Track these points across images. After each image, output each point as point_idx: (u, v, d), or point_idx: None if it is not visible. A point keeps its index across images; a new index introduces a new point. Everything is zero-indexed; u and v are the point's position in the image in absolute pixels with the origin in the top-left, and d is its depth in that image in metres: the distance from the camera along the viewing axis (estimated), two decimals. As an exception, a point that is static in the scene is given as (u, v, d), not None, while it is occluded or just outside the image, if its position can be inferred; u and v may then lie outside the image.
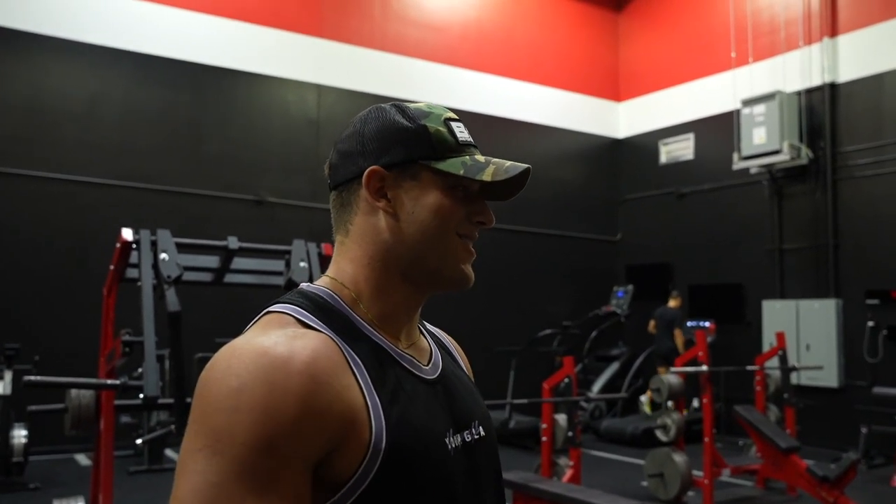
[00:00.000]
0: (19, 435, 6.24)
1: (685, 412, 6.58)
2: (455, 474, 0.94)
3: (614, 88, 12.28)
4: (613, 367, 10.62)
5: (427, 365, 1.01)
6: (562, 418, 5.61)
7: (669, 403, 6.33)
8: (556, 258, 11.30)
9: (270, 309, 0.92)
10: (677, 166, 11.28)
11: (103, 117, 8.28)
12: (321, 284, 0.99)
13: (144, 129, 8.47)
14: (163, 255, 3.49)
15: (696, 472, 6.24)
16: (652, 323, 9.98)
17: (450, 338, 1.19)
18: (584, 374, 10.29)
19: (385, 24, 10.21)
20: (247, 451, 0.77)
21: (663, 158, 11.55)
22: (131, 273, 3.77)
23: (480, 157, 0.99)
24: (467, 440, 0.99)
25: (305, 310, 0.91)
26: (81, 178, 8.06)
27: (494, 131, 10.76)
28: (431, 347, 1.06)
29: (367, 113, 1.03)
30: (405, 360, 0.96)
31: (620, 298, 10.86)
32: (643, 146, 11.84)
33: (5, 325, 7.23)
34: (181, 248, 3.66)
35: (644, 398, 9.63)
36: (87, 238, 7.71)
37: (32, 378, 3.16)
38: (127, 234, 3.52)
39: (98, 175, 8.14)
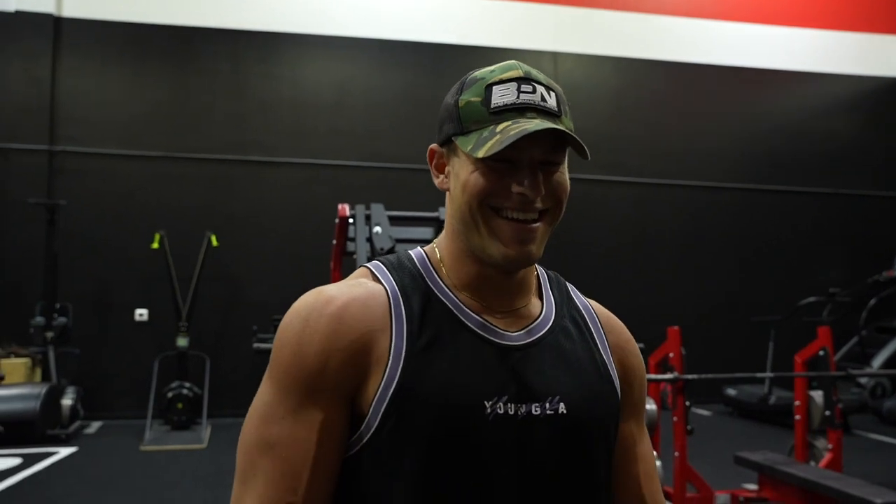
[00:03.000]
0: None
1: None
2: (487, 440, 0.90)
3: (890, 20, 10.62)
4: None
5: (516, 332, 0.98)
6: (818, 395, 5.02)
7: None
8: (827, 220, 10.14)
9: (364, 264, 1.05)
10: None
11: (350, 104, 8.89)
12: (425, 248, 1.07)
13: (388, 113, 8.95)
14: (377, 229, 3.64)
15: None
16: (945, 290, 8.58)
17: (605, 313, 1.12)
18: (860, 348, 9.14)
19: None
20: (285, 377, 0.91)
21: (959, 96, 9.80)
22: (352, 247, 3.98)
23: (503, 126, 0.92)
24: (534, 413, 0.93)
25: (385, 266, 1.01)
26: (335, 163, 8.75)
27: (746, 84, 9.89)
28: (541, 318, 1.02)
29: None
30: (475, 321, 0.96)
31: (906, 262, 9.46)
32: (932, 84, 10.14)
33: (277, 298, 8.05)
34: (394, 220, 3.79)
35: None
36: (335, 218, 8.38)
37: (260, 346, 3.47)
38: (344, 208, 3.72)
39: (349, 158, 8.78)
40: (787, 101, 10.09)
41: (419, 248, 1.07)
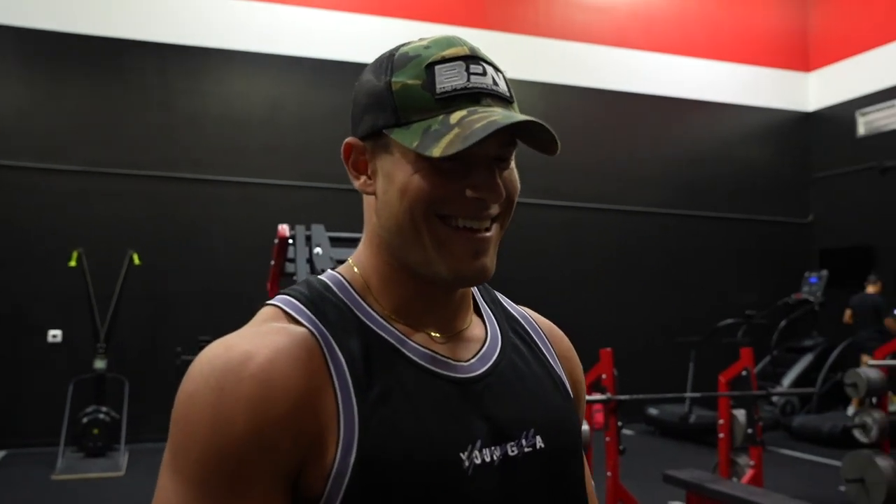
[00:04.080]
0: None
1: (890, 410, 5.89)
2: (471, 497, 0.76)
3: (803, 58, 11.27)
4: (807, 358, 9.76)
5: (468, 360, 0.83)
6: (741, 414, 5.22)
7: (874, 400, 5.69)
8: (742, 244, 10.60)
9: (269, 301, 0.83)
10: (879, 138, 10.14)
11: (282, 122, 8.80)
12: (339, 270, 0.88)
13: (320, 131, 8.90)
14: (317, 250, 3.61)
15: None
16: (848, 313, 9.06)
17: (545, 321, 1.00)
18: (773, 367, 9.56)
19: (550, 10, 10.04)
20: (200, 468, 0.69)
21: (861, 130, 10.44)
22: (291, 268, 3.94)
23: (458, 116, 0.75)
24: (511, 453, 0.80)
25: (299, 301, 0.80)
26: (266, 181, 8.63)
27: (670, 113, 10.29)
28: (488, 336, 0.88)
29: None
30: (421, 355, 0.80)
31: (813, 285, 9.97)
32: (837, 118, 10.77)
33: (203, 319, 7.89)
34: (336, 241, 3.77)
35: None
36: (271, 236, 8.22)
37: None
38: (284, 229, 3.68)
39: (280, 177, 8.67)
40: (707, 131, 10.53)
41: (330, 270, 0.89)
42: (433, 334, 0.84)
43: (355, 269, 0.86)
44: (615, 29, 10.28)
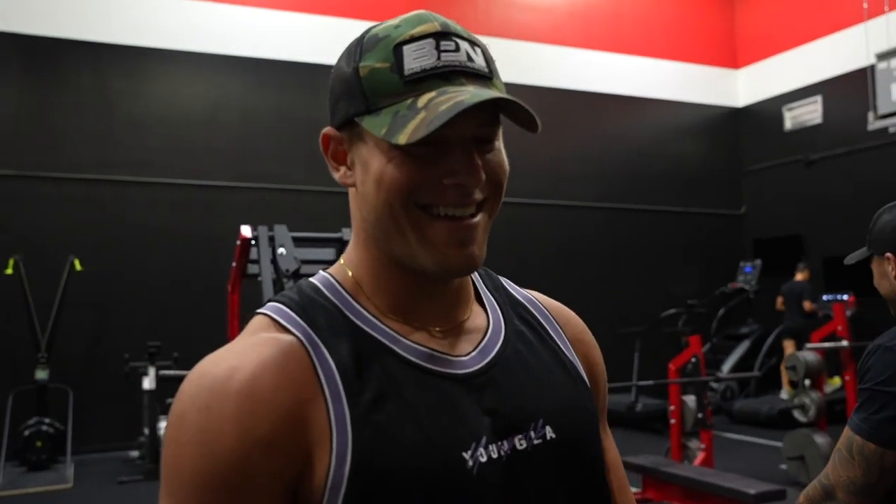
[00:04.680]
0: (163, 427, 6.67)
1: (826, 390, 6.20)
2: (479, 496, 0.73)
3: (731, 55, 11.69)
4: (744, 345, 10.16)
5: (469, 353, 0.80)
6: (690, 400, 5.42)
7: (807, 382, 5.98)
8: (679, 236, 10.93)
9: (258, 310, 0.80)
10: (804, 132, 10.61)
11: (224, 123, 8.67)
12: (330, 270, 0.84)
13: (263, 132, 8.81)
14: (280, 250, 3.61)
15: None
16: (780, 300, 9.47)
17: (554, 304, 0.96)
18: (712, 354, 9.91)
19: (490, 9, 10.15)
20: (192, 490, 0.67)
21: (788, 125, 10.90)
22: (253, 269, 3.92)
23: (426, 98, 0.72)
24: (520, 447, 0.77)
25: (288, 307, 0.77)
26: (209, 183, 8.50)
27: (606, 109, 10.53)
28: (490, 326, 0.85)
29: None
30: (418, 354, 0.77)
31: (748, 274, 10.38)
32: (765, 113, 11.23)
33: (149, 324, 7.72)
34: (298, 241, 3.77)
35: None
36: (216, 238, 8.11)
37: (167, 373, 3.36)
38: (246, 231, 3.67)
39: (223, 179, 8.55)
40: (643, 127, 10.81)
41: (321, 271, 0.84)
42: (431, 329, 0.80)
43: (346, 269, 0.82)
44: (553, 27, 10.47)
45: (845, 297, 9.24)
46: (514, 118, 0.78)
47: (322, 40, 9.13)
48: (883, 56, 8.95)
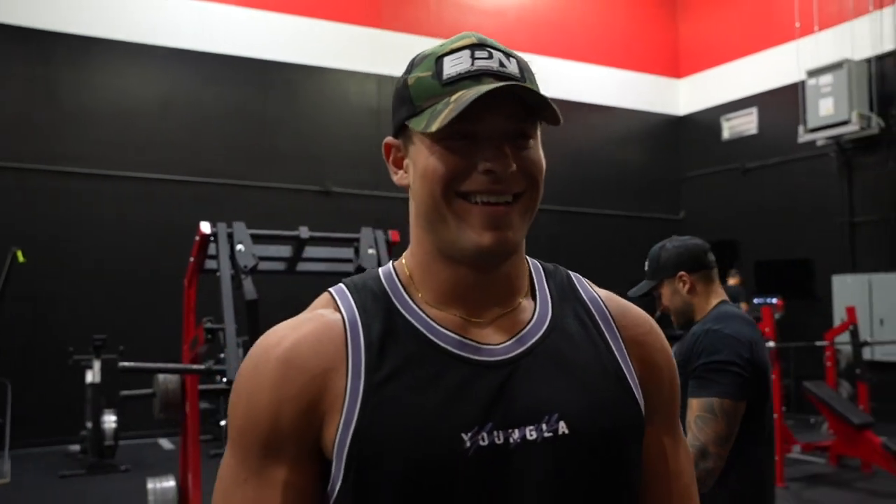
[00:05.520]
0: (109, 420, 6.64)
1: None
2: (468, 480, 0.79)
3: (674, 65, 12.11)
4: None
5: (502, 343, 0.86)
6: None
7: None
8: (619, 239, 11.23)
9: (329, 288, 0.92)
10: (741, 141, 11.08)
11: (175, 117, 8.62)
12: (395, 262, 0.94)
13: (213, 127, 8.78)
14: (239, 247, 3.69)
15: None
16: (714, 303, 9.85)
17: (618, 306, 0.95)
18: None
19: (441, 12, 10.30)
20: (241, 436, 0.82)
21: (726, 134, 11.36)
22: (210, 264, 3.99)
23: (458, 95, 0.81)
24: (529, 437, 0.81)
25: (347, 288, 0.89)
26: (157, 176, 8.43)
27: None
28: (533, 319, 0.89)
29: None
30: (449, 340, 0.84)
31: (685, 277, 10.75)
32: (705, 122, 11.66)
33: (93, 317, 7.64)
34: (255, 238, 3.86)
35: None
36: (164, 232, 8.07)
37: (126, 364, 3.41)
38: (205, 227, 3.73)
39: (172, 172, 8.50)
40: (587, 132, 11.07)
41: (391, 262, 0.95)
42: (470, 319, 0.87)
43: (403, 261, 0.92)
44: (503, 32, 10.65)
45: (774, 300, 9.69)
46: (540, 115, 0.86)
47: (274, 37, 9.15)
48: (812, 73, 9.42)
